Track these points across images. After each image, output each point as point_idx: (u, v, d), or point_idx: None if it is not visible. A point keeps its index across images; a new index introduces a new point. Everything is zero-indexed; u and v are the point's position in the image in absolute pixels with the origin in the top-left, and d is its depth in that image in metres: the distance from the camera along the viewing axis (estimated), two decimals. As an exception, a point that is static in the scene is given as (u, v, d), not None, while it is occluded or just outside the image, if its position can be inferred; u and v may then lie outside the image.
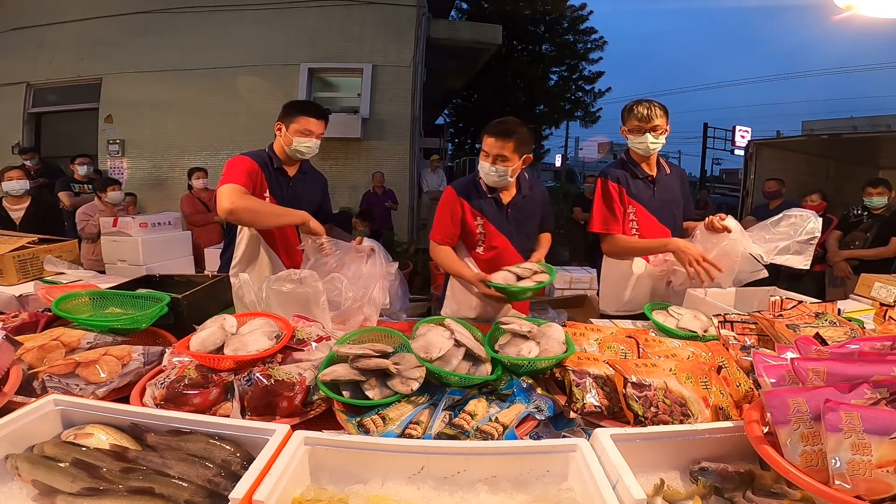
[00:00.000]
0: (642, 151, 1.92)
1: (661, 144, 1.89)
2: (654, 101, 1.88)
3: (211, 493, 0.73)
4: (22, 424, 0.83)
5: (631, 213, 1.98)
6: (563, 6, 16.38)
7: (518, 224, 1.89)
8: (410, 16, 7.31)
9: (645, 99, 1.89)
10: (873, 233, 3.54)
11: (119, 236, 3.80)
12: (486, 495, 0.75)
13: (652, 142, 1.86)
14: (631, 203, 1.98)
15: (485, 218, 1.84)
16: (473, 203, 1.83)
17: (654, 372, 0.97)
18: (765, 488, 0.76)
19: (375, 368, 1.02)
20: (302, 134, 1.81)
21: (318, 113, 1.85)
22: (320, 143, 1.88)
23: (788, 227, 1.74)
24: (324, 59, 7.35)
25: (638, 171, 1.97)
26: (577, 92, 17.79)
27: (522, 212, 1.90)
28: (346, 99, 7.64)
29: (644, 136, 1.86)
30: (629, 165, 1.98)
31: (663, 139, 1.89)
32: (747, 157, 6.86)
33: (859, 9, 2.16)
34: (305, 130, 1.81)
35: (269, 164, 1.84)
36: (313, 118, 1.82)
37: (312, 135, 1.82)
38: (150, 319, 1.30)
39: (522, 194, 1.89)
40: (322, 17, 7.31)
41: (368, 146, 7.36)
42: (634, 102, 1.89)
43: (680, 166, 2.06)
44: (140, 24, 7.34)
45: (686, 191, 2.11)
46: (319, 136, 1.85)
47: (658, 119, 1.84)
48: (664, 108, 1.88)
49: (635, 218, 1.98)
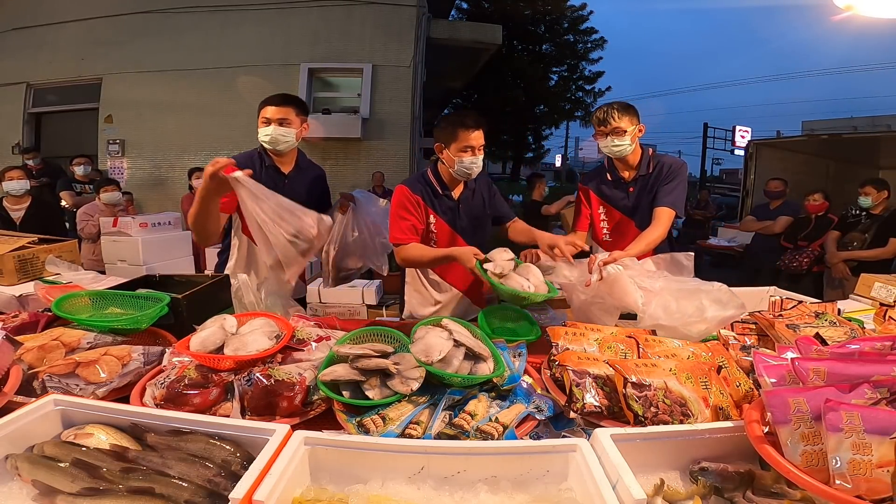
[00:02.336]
0: (609, 154, 1.92)
1: (624, 146, 1.84)
2: (615, 104, 1.85)
3: (211, 493, 0.73)
4: (22, 424, 0.83)
5: (602, 214, 2.01)
6: (563, 6, 16.41)
7: (470, 219, 1.88)
8: (410, 16, 7.31)
9: (606, 103, 1.89)
10: (871, 233, 3.54)
11: (119, 236, 3.80)
12: (486, 495, 0.75)
13: (613, 145, 1.84)
14: (601, 204, 2.00)
15: (438, 217, 1.83)
16: (427, 201, 1.81)
17: (654, 372, 0.97)
18: (765, 488, 0.76)
19: (375, 368, 1.02)
20: (262, 123, 1.76)
21: (274, 100, 1.77)
22: (294, 132, 1.78)
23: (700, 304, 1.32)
24: (324, 59, 7.36)
25: (611, 174, 1.97)
26: (577, 92, 17.83)
27: (471, 206, 1.88)
28: (346, 99, 7.64)
29: (606, 139, 1.85)
30: (605, 168, 2.00)
31: (627, 140, 1.83)
32: (747, 157, 6.86)
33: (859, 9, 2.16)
34: (263, 119, 1.75)
35: (259, 164, 1.81)
36: (270, 105, 1.75)
37: (271, 122, 1.74)
38: (150, 319, 1.30)
39: (470, 188, 1.88)
40: (322, 17, 7.31)
41: (368, 146, 7.36)
42: (597, 108, 1.90)
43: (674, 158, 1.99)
44: (140, 24, 7.35)
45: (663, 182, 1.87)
46: (282, 122, 1.75)
47: (616, 121, 1.81)
48: (626, 108, 1.84)
49: (605, 218, 2.01)
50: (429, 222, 1.82)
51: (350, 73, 7.45)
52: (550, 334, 1.23)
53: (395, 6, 7.29)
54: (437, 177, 1.83)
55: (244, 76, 7.15)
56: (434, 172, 1.83)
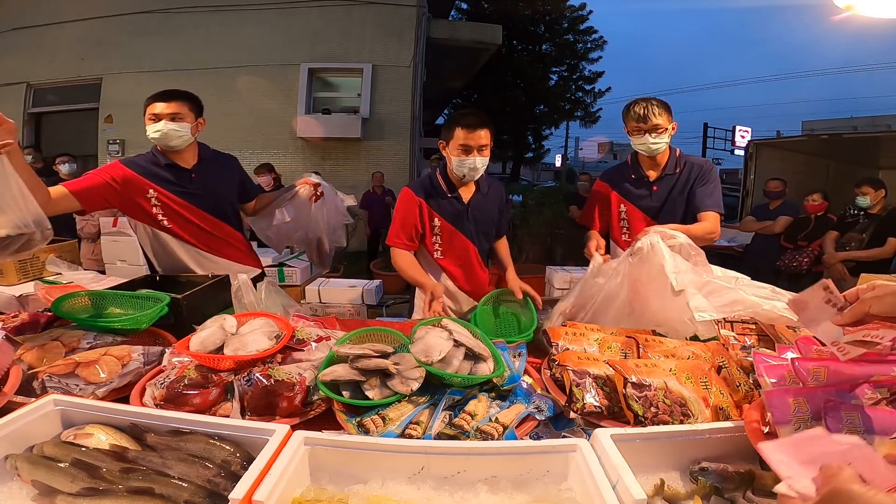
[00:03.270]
0: (645, 152, 1.86)
1: (663, 144, 1.81)
2: (653, 100, 1.81)
3: (211, 494, 0.73)
4: (22, 424, 0.83)
5: (623, 213, 1.96)
6: (563, 6, 16.39)
7: (477, 223, 1.86)
8: (410, 16, 7.32)
9: (643, 98, 1.83)
10: (869, 233, 3.53)
11: (119, 236, 3.80)
12: (486, 495, 0.75)
13: (653, 142, 1.79)
14: (622, 202, 1.95)
15: (443, 219, 1.81)
16: (431, 203, 1.80)
17: (654, 372, 0.97)
18: (765, 488, 0.76)
19: (375, 368, 1.02)
20: (150, 120, 1.70)
21: (161, 96, 1.70)
22: (189, 126, 1.73)
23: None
24: (324, 59, 7.37)
25: (635, 172, 1.93)
26: (577, 92, 17.81)
27: (482, 210, 1.86)
28: (346, 99, 7.66)
29: (644, 136, 1.80)
30: (629, 166, 1.96)
31: (666, 138, 1.81)
32: (747, 157, 6.87)
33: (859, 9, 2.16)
34: (151, 115, 1.69)
35: (152, 164, 1.77)
36: (158, 101, 1.69)
37: (161, 118, 1.68)
38: (150, 320, 1.30)
39: (482, 192, 1.87)
40: (322, 17, 7.32)
41: (368, 146, 7.37)
42: (632, 102, 1.84)
43: (703, 159, 1.95)
44: (140, 24, 7.36)
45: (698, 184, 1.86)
46: (174, 117, 1.69)
47: (656, 118, 1.77)
48: (664, 105, 1.80)
49: (626, 217, 1.96)
50: (433, 224, 1.81)
51: (350, 73, 7.46)
52: (550, 334, 1.23)
53: (395, 6, 7.30)
54: (445, 177, 1.81)
55: (244, 76, 7.16)
56: (442, 173, 1.82)
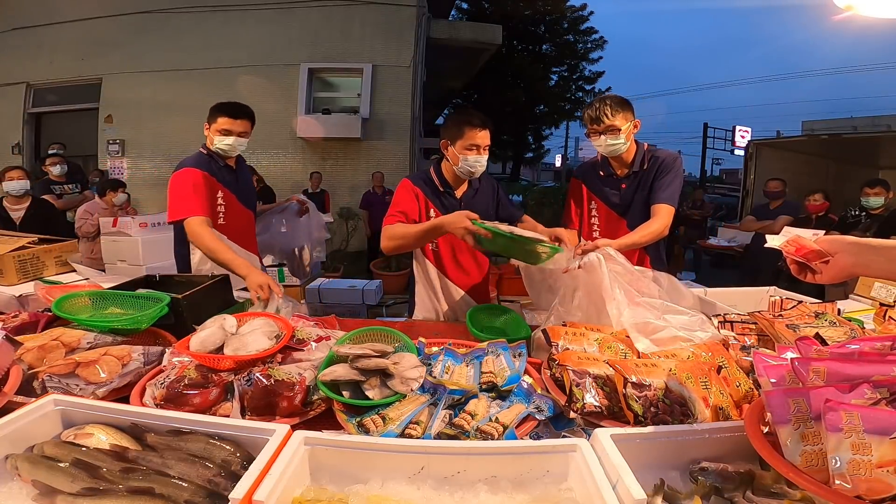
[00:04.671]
0: (605, 153, 1.83)
1: (620, 144, 1.75)
2: (608, 99, 1.75)
3: (211, 493, 0.73)
4: (22, 424, 0.83)
5: (593, 210, 1.96)
6: (563, 6, 16.40)
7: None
8: (410, 16, 7.32)
9: (598, 98, 1.78)
10: (871, 233, 3.54)
11: (119, 236, 3.80)
12: (486, 495, 0.75)
13: (610, 143, 1.74)
14: (593, 198, 1.95)
15: (438, 213, 1.81)
16: (428, 196, 1.82)
17: (654, 372, 0.97)
18: (765, 488, 0.76)
19: (375, 368, 1.02)
20: (222, 133, 1.96)
21: (234, 112, 1.96)
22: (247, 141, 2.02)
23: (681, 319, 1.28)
24: (324, 59, 7.37)
25: (604, 169, 1.92)
26: (578, 92, 17.82)
27: (474, 206, 1.84)
28: (346, 99, 7.65)
29: (600, 138, 1.76)
30: (599, 163, 1.94)
31: (622, 138, 1.74)
32: (747, 157, 6.88)
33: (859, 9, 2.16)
34: (223, 130, 1.96)
35: (214, 165, 2.00)
36: (231, 118, 1.96)
37: (232, 134, 1.96)
38: (150, 319, 1.30)
39: (473, 188, 1.89)
40: (322, 17, 7.32)
41: (368, 146, 7.37)
42: (588, 104, 1.82)
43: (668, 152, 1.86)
44: (140, 24, 7.35)
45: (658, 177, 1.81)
46: (241, 134, 1.99)
47: (610, 119, 1.71)
48: (621, 103, 1.73)
49: (596, 215, 1.96)
50: (429, 216, 1.82)
51: (350, 73, 7.46)
52: (550, 334, 1.23)
53: (395, 6, 7.30)
54: (440, 175, 1.83)
55: (244, 76, 7.16)
56: (437, 171, 1.84)
